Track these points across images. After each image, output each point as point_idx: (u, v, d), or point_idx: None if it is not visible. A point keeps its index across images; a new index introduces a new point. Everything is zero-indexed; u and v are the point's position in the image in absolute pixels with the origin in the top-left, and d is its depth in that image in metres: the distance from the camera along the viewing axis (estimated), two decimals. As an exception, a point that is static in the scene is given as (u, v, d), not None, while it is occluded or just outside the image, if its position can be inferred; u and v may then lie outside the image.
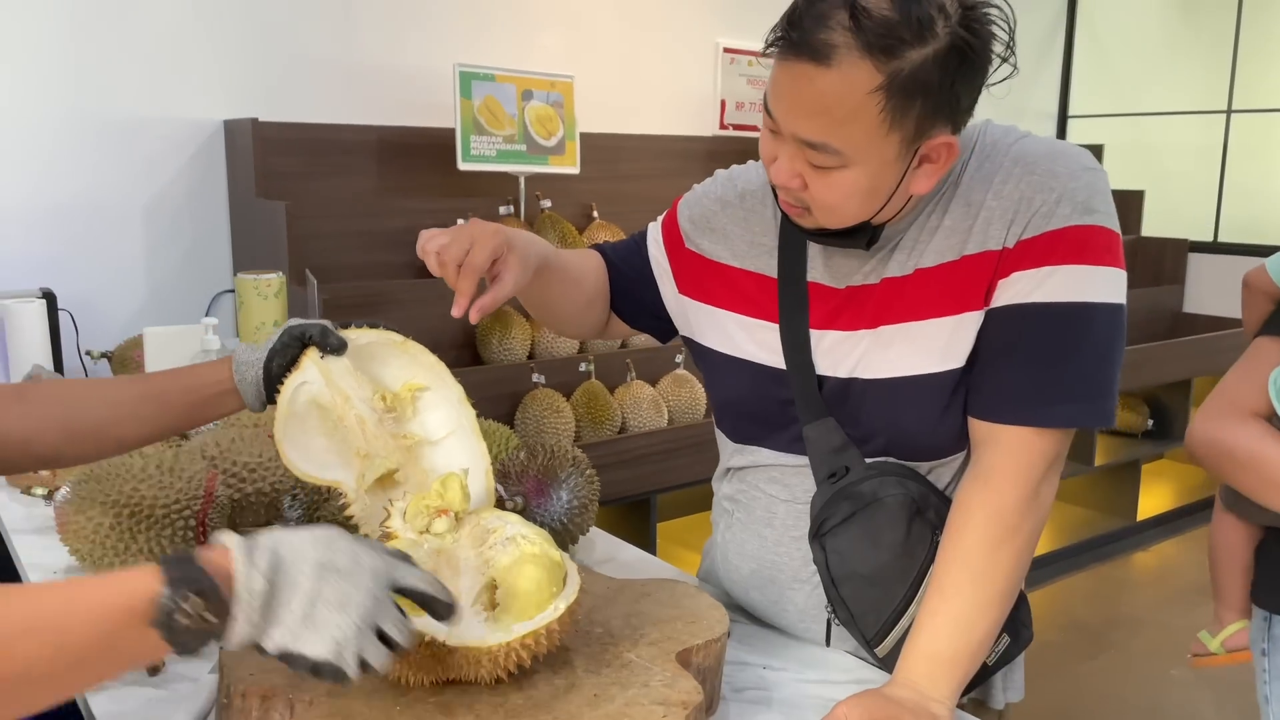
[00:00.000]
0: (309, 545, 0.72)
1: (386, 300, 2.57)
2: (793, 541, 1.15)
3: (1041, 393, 1.00)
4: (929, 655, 0.98)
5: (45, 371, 2.17)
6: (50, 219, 2.61)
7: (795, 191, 1.00)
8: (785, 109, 0.96)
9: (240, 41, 2.82)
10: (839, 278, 1.10)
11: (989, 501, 1.00)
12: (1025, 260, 0.99)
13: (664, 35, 3.66)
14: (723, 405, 1.23)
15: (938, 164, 0.98)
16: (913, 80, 0.90)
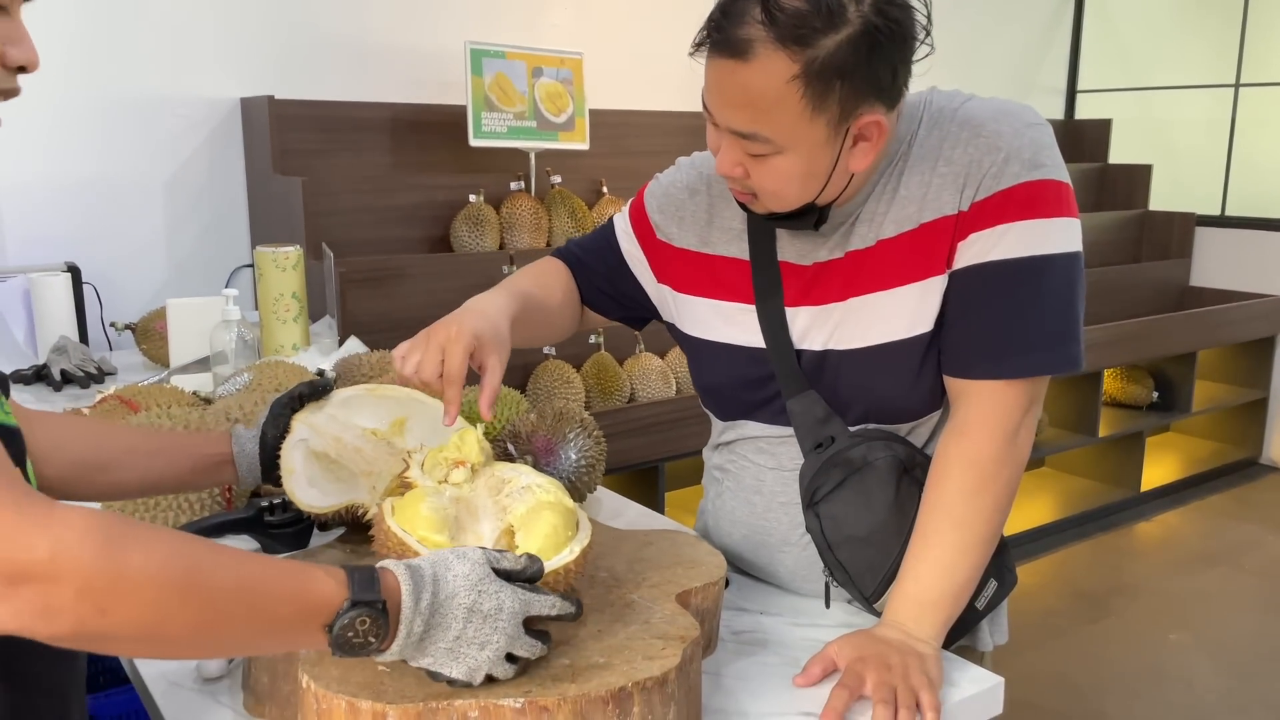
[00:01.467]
0: (463, 589, 0.79)
1: (400, 273, 2.63)
2: (780, 508, 1.21)
3: (1007, 345, 1.04)
4: (914, 597, 1.05)
5: (71, 343, 2.24)
6: (74, 195, 2.68)
7: (740, 179, 1.05)
8: (717, 104, 1.01)
9: (256, 20, 2.88)
10: (806, 255, 1.14)
11: (966, 451, 1.06)
12: (981, 221, 1.04)
13: (673, 13, 3.69)
14: (706, 389, 1.27)
15: (872, 141, 1.02)
16: (828, 65, 0.94)
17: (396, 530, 0.88)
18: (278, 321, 2.15)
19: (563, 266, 1.35)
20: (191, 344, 2.11)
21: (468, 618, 0.79)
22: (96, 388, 2.12)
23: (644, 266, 1.30)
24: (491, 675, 0.81)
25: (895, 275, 1.08)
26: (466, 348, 1.07)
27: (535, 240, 2.98)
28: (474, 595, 0.79)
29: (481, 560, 0.81)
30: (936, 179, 1.06)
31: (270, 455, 1.16)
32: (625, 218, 1.32)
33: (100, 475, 1.11)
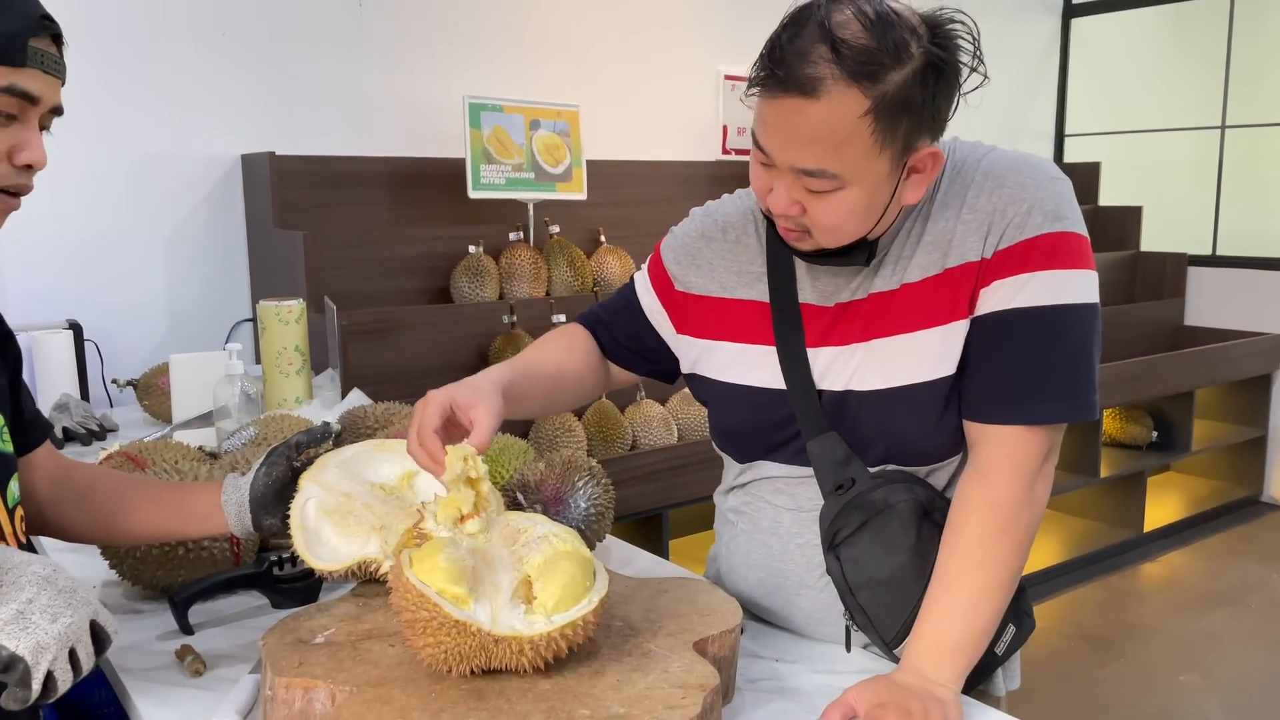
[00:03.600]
0: (36, 563, 0.81)
1: (401, 325, 2.64)
2: (798, 549, 1.20)
3: (1027, 392, 1.05)
4: (934, 642, 1.04)
5: (73, 401, 2.24)
6: (76, 253, 2.69)
7: (794, 217, 1.05)
8: (779, 142, 1.01)
9: (257, 79, 2.92)
10: (828, 296, 1.15)
11: (986, 496, 1.06)
12: (1004, 269, 1.06)
13: (666, 64, 3.76)
14: (725, 432, 1.27)
15: (925, 173, 1.04)
16: (897, 100, 0.97)
17: (416, 582, 0.88)
18: (281, 375, 2.15)
19: (581, 330, 1.37)
20: (194, 399, 2.11)
21: (40, 584, 0.80)
22: (99, 445, 2.12)
23: (664, 319, 1.31)
24: (50, 677, 0.79)
25: (918, 319, 1.09)
26: (437, 407, 1.08)
27: (535, 290, 3.00)
28: (49, 569, 0.81)
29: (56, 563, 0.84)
30: (961, 226, 1.08)
31: (260, 502, 1.16)
32: (644, 275, 1.34)
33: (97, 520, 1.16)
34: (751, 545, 1.25)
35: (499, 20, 3.36)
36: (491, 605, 0.90)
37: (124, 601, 1.33)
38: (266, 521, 1.17)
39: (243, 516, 1.17)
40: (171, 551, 1.29)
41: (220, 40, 2.85)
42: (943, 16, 1.00)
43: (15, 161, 0.98)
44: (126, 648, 1.19)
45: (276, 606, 1.27)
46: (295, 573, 1.26)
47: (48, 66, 1.01)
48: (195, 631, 1.21)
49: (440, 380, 2.77)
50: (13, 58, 0.96)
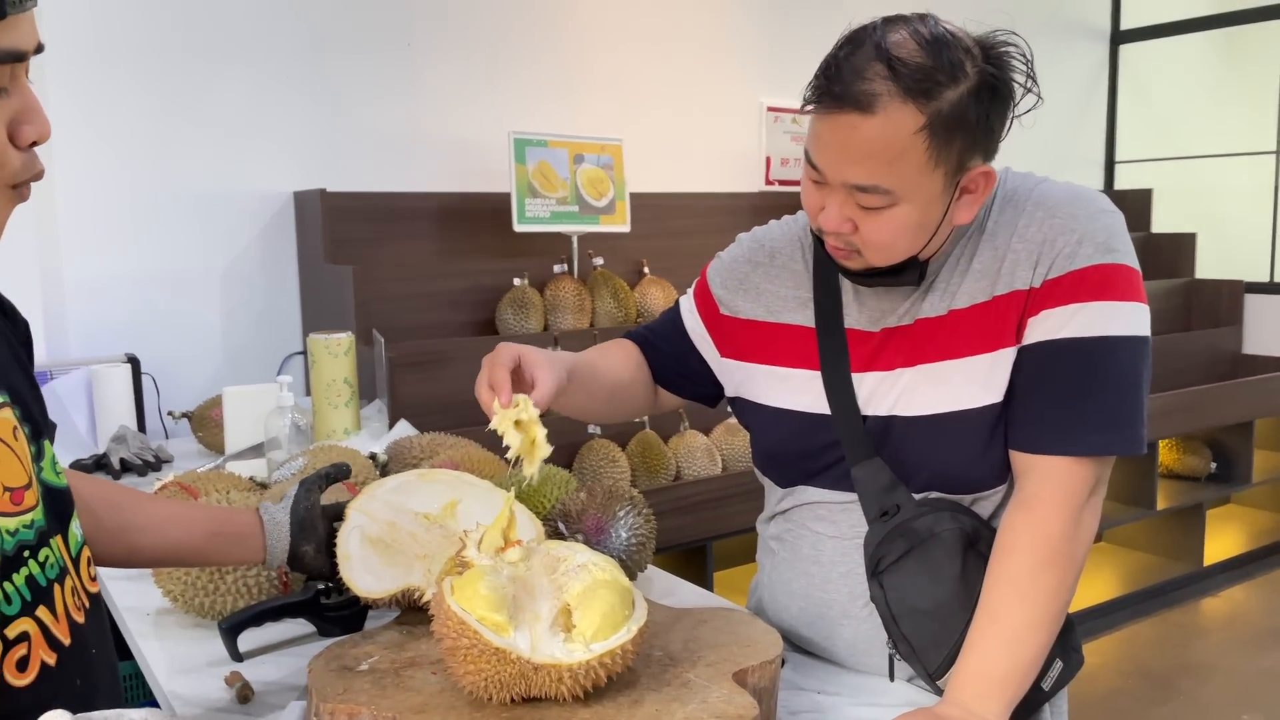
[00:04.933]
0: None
1: (448, 356, 2.67)
2: (840, 578, 1.18)
3: (1074, 422, 1.05)
4: (979, 674, 1.02)
5: (130, 432, 2.30)
6: (134, 288, 2.77)
7: (845, 235, 1.06)
8: (832, 159, 1.02)
9: (308, 118, 3.00)
10: (874, 321, 1.15)
11: (1034, 526, 1.04)
12: (1052, 299, 1.05)
13: (709, 97, 3.79)
14: (769, 456, 1.27)
15: (977, 193, 1.05)
16: (952, 118, 0.98)
17: (456, 609, 0.89)
18: (330, 407, 2.19)
19: (633, 345, 1.39)
20: (246, 430, 2.16)
21: None
22: (154, 475, 2.17)
23: (708, 343, 1.32)
24: None
25: (965, 345, 1.09)
26: (509, 356, 1.12)
27: (579, 321, 3.02)
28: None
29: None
30: (1010, 254, 1.09)
31: (300, 525, 1.18)
32: (690, 298, 1.35)
33: (119, 537, 1.10)
34: (793, 574, 1.25)
35: (543, 58, 3.42)
36: (531, 633, 0.91)
37: (175, 628, 1.36)
38: (304, 547, 1.18)
39: (282, 538, 1.17)
40: (222, 579, 1.31)
41: (275, 81, 2.94)
42: (996, 38, 1.02)
43: (20, 142, 0.79)
44: (178, 672, 1.22)
45: (323, 634, 1.28)
46: (341, 601, 1.28)
47: (26, 4, 0.77)
48: (244, 658, 1.23)
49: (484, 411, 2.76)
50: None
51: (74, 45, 2.65)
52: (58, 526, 0.87)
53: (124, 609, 1.45)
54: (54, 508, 0.86)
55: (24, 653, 0.78)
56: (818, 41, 1.21)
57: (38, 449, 0.87)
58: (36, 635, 0.79)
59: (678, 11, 3.72)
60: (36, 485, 0.84)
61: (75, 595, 0.87)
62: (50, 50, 2.60)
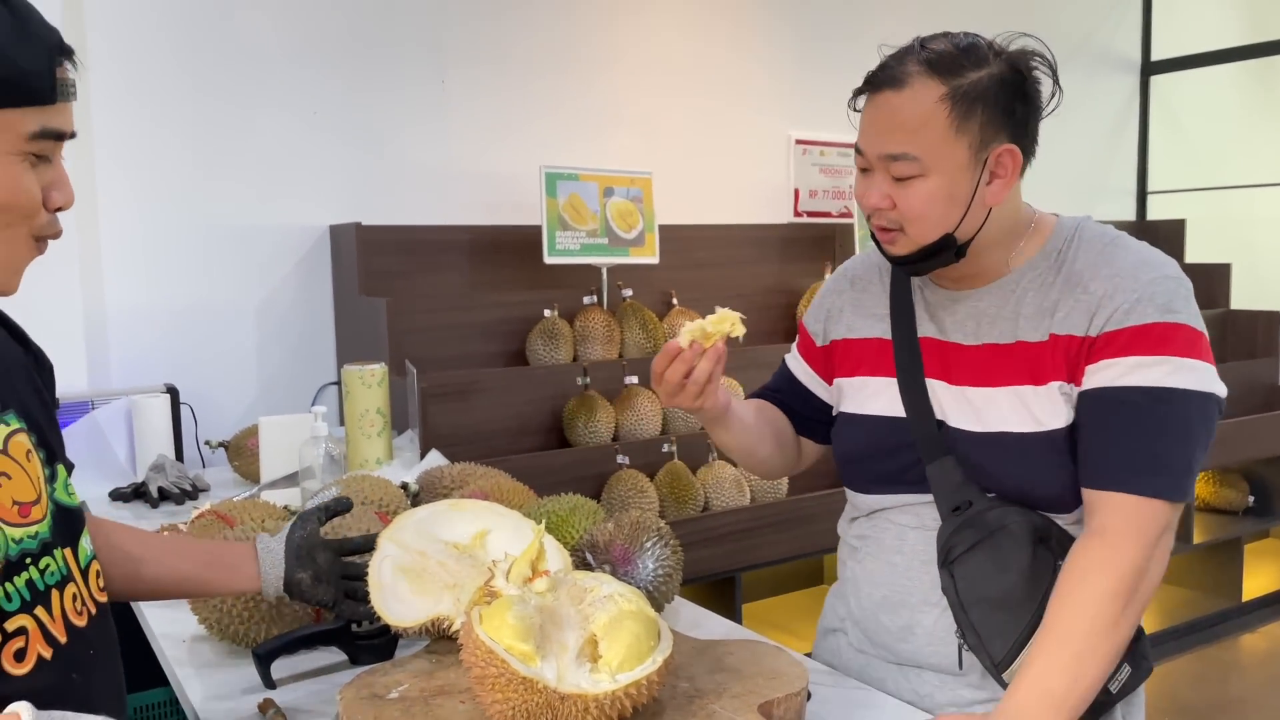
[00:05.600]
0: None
1: (479, 387, 2.70)
2: (922, 566, 1.24)
3: (1144, 461, 1.09)
4: (1043, 689, 1.03)
5: (168, 461, 2.34)
6: (174, 320, 2.83)
7: (886, 213, 1.17)
8: (871, 135, 1.15)
9: (345, 154, 3.06)
10: (945, 334, 1.25)
11: (1106, 555, 1.08)
12: (1111, 349, 1.12)
13: (737, 130, 3.82)
14: (849, 460, 1.35)
15: (1005, 177, 1.15)
16: (972, 91, 1.11)
17: (485, 639, 0.90)
18: (363, 436, 2.22)
19: (765, 401, 1.47)
20: (281, 460, 2.19)
21: None
22: (191, 504, 2.21)
23: (815, 379, 1.43)
24: None
25: (1022, 375, 1.17)
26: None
27: (608, 352, 3.05)
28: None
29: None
30: (1072, 301, 1.16)
31: (295, 553, 1.21)
32: (793, 349, 1.47)
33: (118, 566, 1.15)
34: (877, 564, 1.30)
35: (574, 93, 3.47)
36: (558, 663, 0.92)
37: (210, 655, 1.38)
38: (299, 575, 1.21)
39: (276, 565, 1.20)
40: (256, 608, 1.34)
41: (312, 118, 3.01)
42: (1024, 47, 1.16)
43: (49, 205, 0.93)
44: (212, 699, 1.24)
45: (354, 662, 1.30)
46: (372, 629, 1.30)
47: (71, 94, 0.93)
48: (277, 685, 1.25)
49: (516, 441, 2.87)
50: (43, 95, 0.88)
51: (118, 87, 2.73)
52: (66, 540, 0.95)
53: (160, 636, 1.47)
54: (63, 524, 0.95)
55: (21, 645, 0.86)
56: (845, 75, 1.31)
57: (51, 472, 0.96)
58: (34, 631, 0.88)
59: (706, 47, 3.77)
60: (46, 502, 0.92)
61: (77, 601, 0.94)
62: (96, 92, 2.69)
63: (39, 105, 0.88)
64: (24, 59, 0.86)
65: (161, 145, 2.79)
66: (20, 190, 0.89)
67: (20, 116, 0.87)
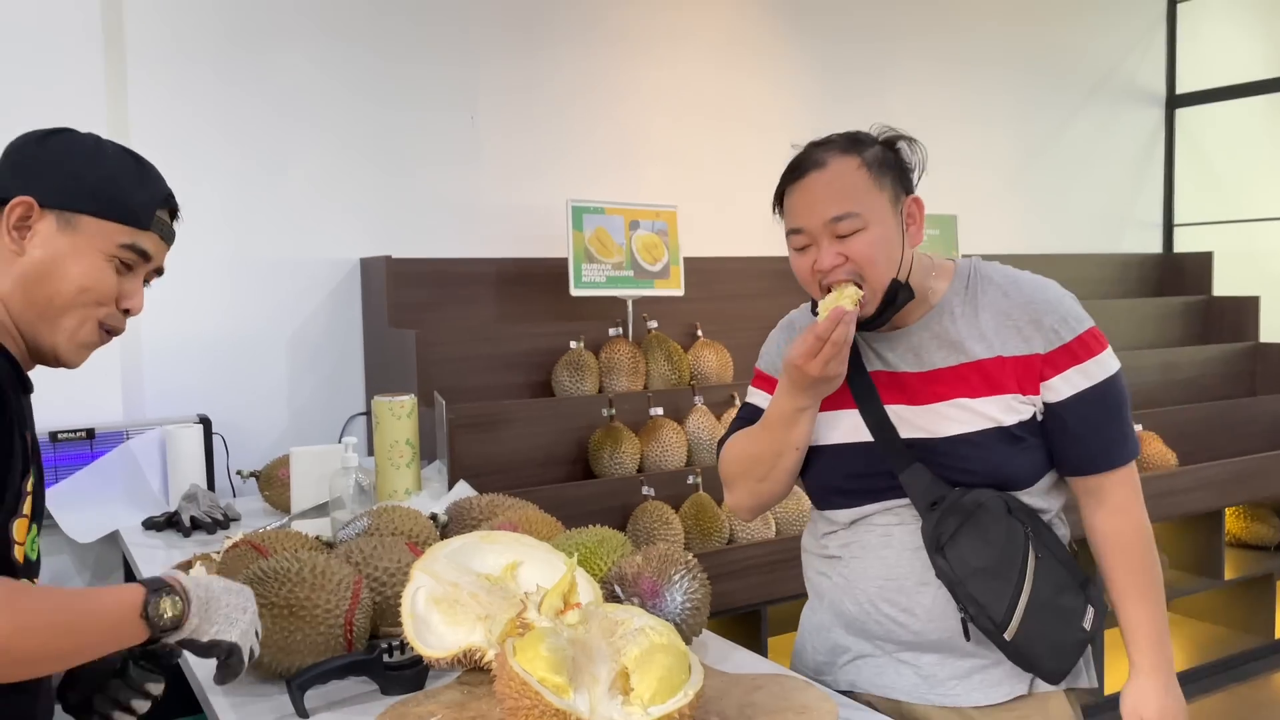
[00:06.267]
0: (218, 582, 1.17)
1: (505, 418, 2.73)
2: (911, 554, 1.40)
3: (1116, 439, 1.40)
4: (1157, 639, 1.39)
5: (200, 491, 2.37)
6: (208, 351, 2.88)
7: (840, 269, 1.35)
8: (810, 211, 1.36)
9: (376, 189, 3.12)
10: (893, 366, 1.44)
11: (1133, 524, 1.41)
12: (1065, 361, 1.38)
13: (760, 164, 3.84)
14: (827, 487, 1.48)
15: (917, 223, 1.41)
16: (875, 160, 1.37)
17: (519, 670, 0.92)
18: (392, 467, 2.25)
19: None
20: (311, 490, 2.22)
21: (229, 594, 1.16)
22: (223, 533, 2.24)
23: None
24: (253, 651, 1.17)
25: (982, 388, 1.39)
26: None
27: (633, 383, 3.07)
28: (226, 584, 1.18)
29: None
30: (1007, 329, 1.40)
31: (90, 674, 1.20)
32: (753, 391, 1.60)
33: None
34: (867, 563, 1.44)
35: (600, 128, 3.52)
36: (590, 695, 0.93)
37: (244, 685, 1.40)
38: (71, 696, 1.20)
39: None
40: (290, 637, 1.35)
41: (343, 153, 3.07)
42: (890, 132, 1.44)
43: (120, 306, 1.19)
44: (247, 728, 1.26)
45: (385, 693, 1.32)
46: (404, 660, 1.31)
47: (165, 234, 1.25)
48: (309, 715, 1.27)
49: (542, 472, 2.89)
50: (141, 222, 1.19)
51: (156, 123, 2.80)
52: None
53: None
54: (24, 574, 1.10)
55: None
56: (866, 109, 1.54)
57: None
58: None
59: (731, 82, 3.81)
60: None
61: None
62: (133, 134, 2.76)
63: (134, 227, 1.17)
64: (135, 195, 1.18)
65: (196, 181, 2.85)
66: (101, 280, 1.16)
67: (117, 229, 1.16)
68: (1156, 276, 4.99)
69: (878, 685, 1.44)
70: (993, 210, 4.50)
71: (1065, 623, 1.36)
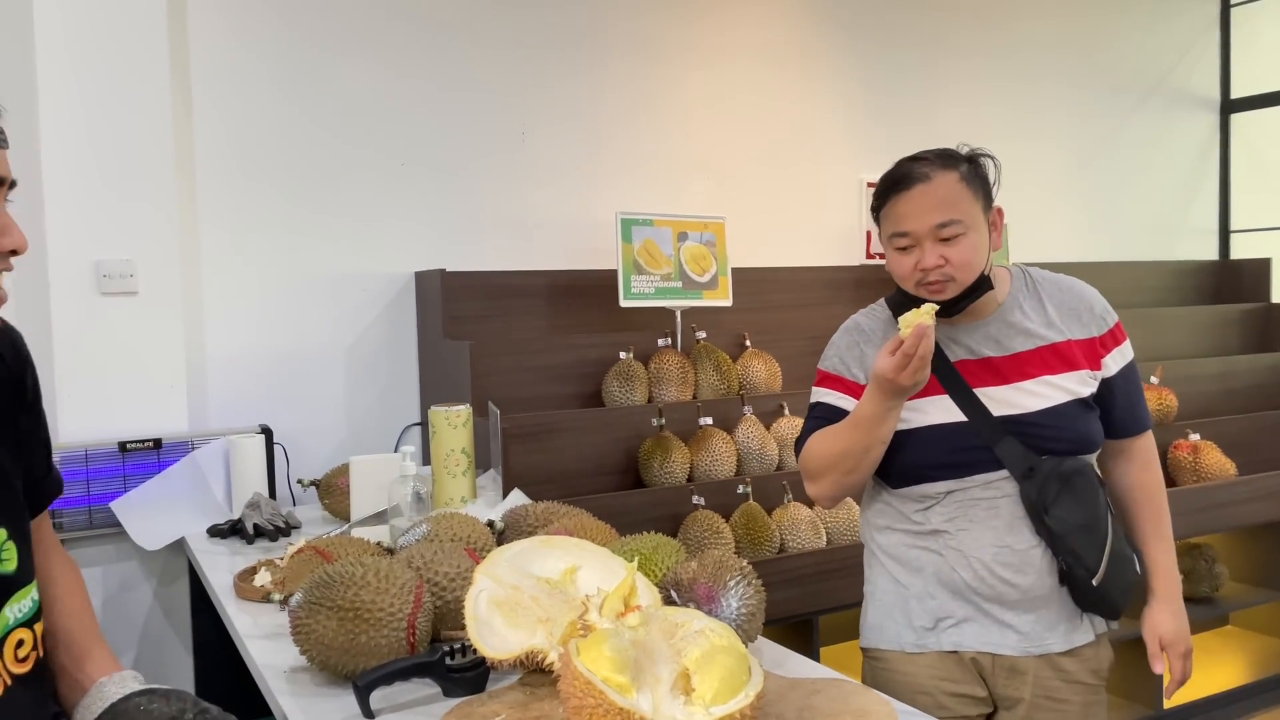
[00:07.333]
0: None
1: (556, 428, 2.76)
2: (1019, 522, 1.62)
3: (1143, 408, 1.73)
4: (1171, 566, 1.72)
5: (263, 499, 2.44)
6: (269, 363, 2.96)
7: (941, 269, 1.56)
8: (916, 217, 1.57)
9: (431, 203, 3.19)
10: (974, 353, 1.66)
11: (1156, 476, 1.75)
12: (1113, 342, 1.68)
13: (809, 174, 3.87)
14: (923, 461, 1.65)
15: (999, 229, 1.64)
16: (968, 174, 1.60)
17: (583, 670, 0.94)
18: (448, 475, 2.29)
19: None
20: (370, 498, 2.27)
21: None
22: (284, 540, 2.29)
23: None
24: None
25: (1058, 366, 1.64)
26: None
27: (682, 394, 3.09)
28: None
29: None
30: (1060, 316, 1.68)
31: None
32: (824, 392, 1.75)
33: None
34: (977, 533, 1.63)
35: (649, 141, 3.56)
36: (653, 695, 0.96)
37: (310, 685, 1.44)
38: None
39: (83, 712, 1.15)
40: (355, 639, 1.39)
41: (399, 170, 3.14)
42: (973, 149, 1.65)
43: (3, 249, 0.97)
44: (316, 727, 1.30)
45: (447, 694, 1.35)
46: (465, 662, 1.34)
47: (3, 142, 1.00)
48: (375, 716, 1.30)
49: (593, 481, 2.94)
50: None
51: (219, 149, 2.89)
52: None
53: (262, 666, 1.54)
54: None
55: None
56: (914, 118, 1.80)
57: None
58: None
59: (777, 94, 3.83)
60: None
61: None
62: (199, 155, 2.86)
63: None
64: None
65: (258, 200, 2.94)
66: None
67: None
68: (1213, 284, 4.90)
69: (983, 642, 1.66)
70: (1045, 219, 4.46)
71: (1129, 566, 1.64)
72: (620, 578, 1.20)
